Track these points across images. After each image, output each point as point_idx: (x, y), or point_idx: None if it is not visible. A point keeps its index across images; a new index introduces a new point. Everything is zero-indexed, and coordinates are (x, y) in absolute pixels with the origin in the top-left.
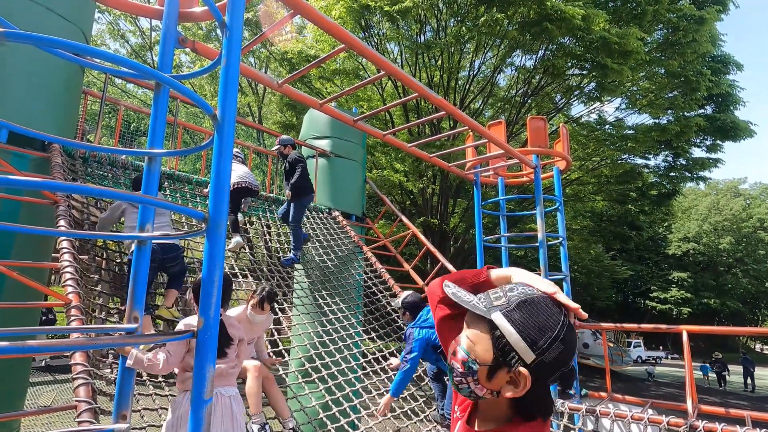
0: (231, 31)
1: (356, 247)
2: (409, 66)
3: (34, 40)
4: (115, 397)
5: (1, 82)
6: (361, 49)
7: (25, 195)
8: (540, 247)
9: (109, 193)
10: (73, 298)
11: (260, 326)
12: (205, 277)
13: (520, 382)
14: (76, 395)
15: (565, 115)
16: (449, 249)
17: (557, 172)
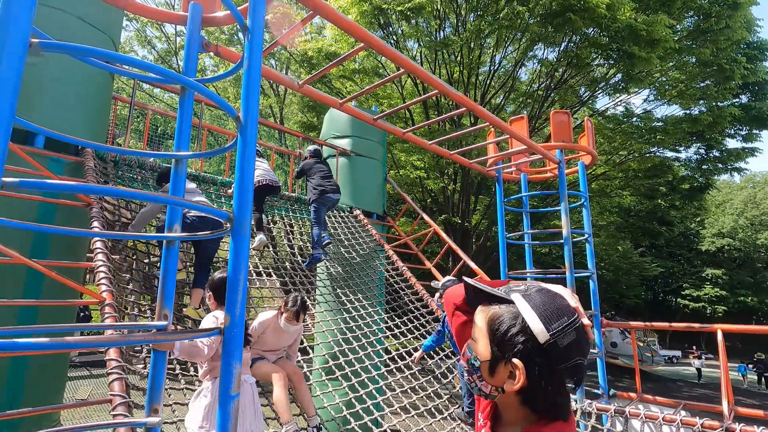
0: (252, 34)
1: (377, 246)
2: (429, 63)
3: (68, 49)
4: (147, 391)
5: (38, 90)
6: (379, 47)
7: (60, 198)
8: (565, 243)
9: (138, 195)
10: (106, 296)
11: (291, 335)
12: (231, 275)
13: (515, 373)
14: (110, 389)
15: (590, 109)
16: (471, 247)
17: (582, 167)
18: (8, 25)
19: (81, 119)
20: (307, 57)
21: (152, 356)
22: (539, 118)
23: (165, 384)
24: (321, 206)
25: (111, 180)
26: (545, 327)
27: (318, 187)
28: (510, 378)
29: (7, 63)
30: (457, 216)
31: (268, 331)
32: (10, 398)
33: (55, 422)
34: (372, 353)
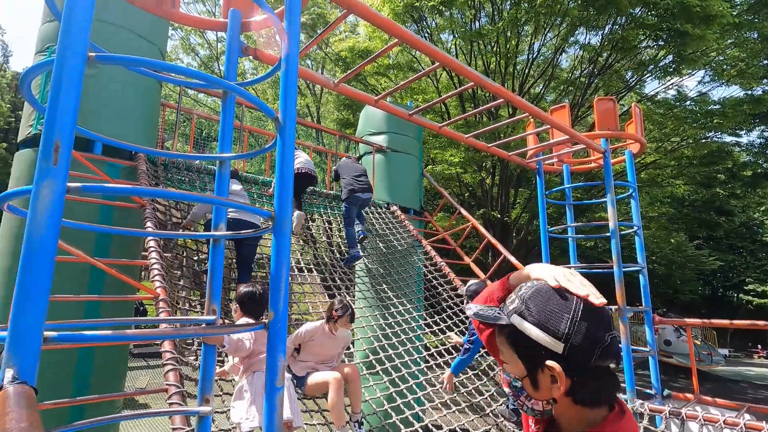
0: (289, 35)
1: (415, 241)
2: (464, 54)
3: (121, 61)
4: (199, 382)
5: (95, 100)
6: (413, 42)
7: (117, 200)
8: (612, 237)
9: (187, 196)
10: (160, 291)
11: (341, 342)
12: (273, 272)
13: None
14: (166, 379)
15: (638, 94)
16: (511, 241)
17: (630, 156)
18: (68, 42)
19: (134, 126)
20: (341, 56)
21: (203, 349)
22: (582, 106)
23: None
24: (351, 205)
25: (161, 182)
26: (553, 337)
27: (348, 186)
28: (553, 383)
29: (68, 77)
30: (496, 210)
31: (317, 339)
32: (78, 386)
33: (118, 409)
34: (411, 349)
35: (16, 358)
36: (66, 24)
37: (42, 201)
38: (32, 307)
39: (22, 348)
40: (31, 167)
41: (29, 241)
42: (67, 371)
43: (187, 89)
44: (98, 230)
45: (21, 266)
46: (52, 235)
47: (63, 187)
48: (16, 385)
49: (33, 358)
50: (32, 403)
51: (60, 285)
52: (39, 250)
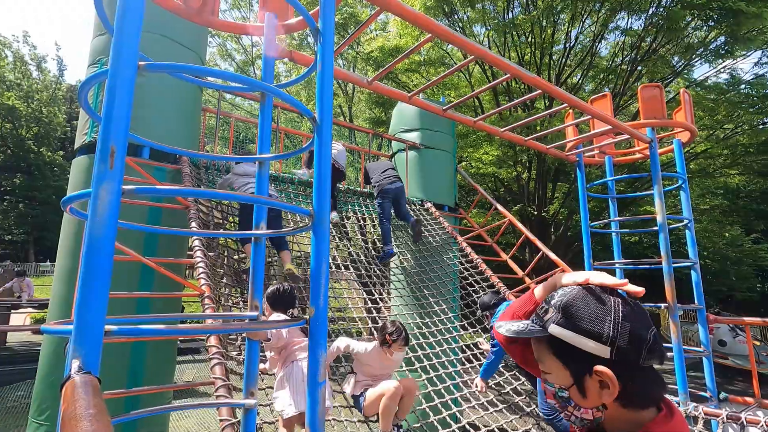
0: (324, 35)
1: (450, 238)
2: (497, 46)
3: (167, 68)
4: (244, 376)
5: (141, 108)
6: (448, 36)
7: (164, 201)
8: (660, 231)
9: (228, 195)
10: (205, 288)
11: (397, 362)
12: (314, 269)
13: (606, 381)
14: (212, 373)
15: (686, 79)
16: (549, 238)
17: (678, 145)
18: (120, 53)
19: (177, 131)
20: (372, 56)
21: (246, 345)
22: (623, 95)
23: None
24: (384, 200)
25: (203, 183)
26: (599, 342)
27: (377, 183)
28: (603, 389)
29: (121, 85)
30: (533, 205)
31: (372, 362)
32: (132, 378)
33: (168, 400)
34: (448, 349)
35: (81, 349)
36: (118, 37)
37: (101, 202)
38: (94, 302)
39: (87, 340)
40: (86, 173)
41: (90, 240)
42: (122, 364)
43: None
44: (148, 230)
45: (83, 264)
46: (110, 234)
47: (119, 189)
48: (83, 374)
49: (96, 349)
50: (97, 391)
51: (114, 283)
52: (99, 248)
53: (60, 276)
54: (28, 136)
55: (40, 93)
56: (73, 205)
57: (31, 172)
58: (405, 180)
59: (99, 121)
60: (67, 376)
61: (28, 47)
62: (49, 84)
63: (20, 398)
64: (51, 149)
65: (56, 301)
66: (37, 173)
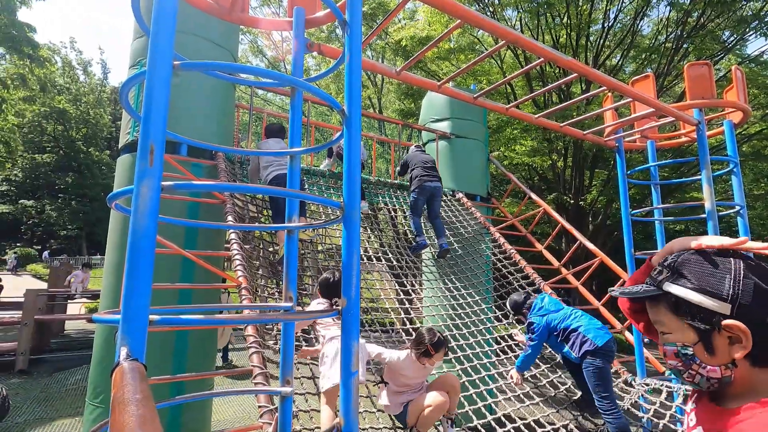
0: (351, 27)
1: (483, 229)
2: (530, 30)
3: (201, 66)
4: (281, 364)
5: (177, 107)
6: (477, 20)
7: (202, 197)
8: (709, 219)
9: (261, 189)
10: (242, 280)
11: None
12: (345, 261)
13: (738, 334)
14: (250, 361)
15: (738, 55)
16: (587, 226)
17: (730, 127)
18: (156, 54)
19: (212, 128)
20: (402, 45)
21: (282, 335)
22: (668, 75)
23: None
24: (419, 196)
25: (238, 179)
26: (719, 300)
27: (416, 176)
28: (733, 344)
29: (159, 85)
30: (570, 194)
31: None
32: (177, 365)
33: (210, 386)
34: (482, 341)
35: (128, 338)
36: (154, 38)
37: (142, 198)
38: (138, 293)
39: (133, 329)
40: (130, 170)
41: (134, 234)
42: (167, 352)
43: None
44: (188, 224)
45: (128, 256)
46: (152, 227)
47: (159, 185)
48: (130, 361)
49: (142, 338)
50: (144, 378)
51: (157, 275)
52: (142, 243)
53: (109, 268)
54: (77, 137)
55: (87, 96)
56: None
57: (81, 171)
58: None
59: (139, 120)
60: (117, 363)
61: (74, 53)
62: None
63: (78, 381)
64: (98, 149)
65: (106, 292)
66: (86, 172)
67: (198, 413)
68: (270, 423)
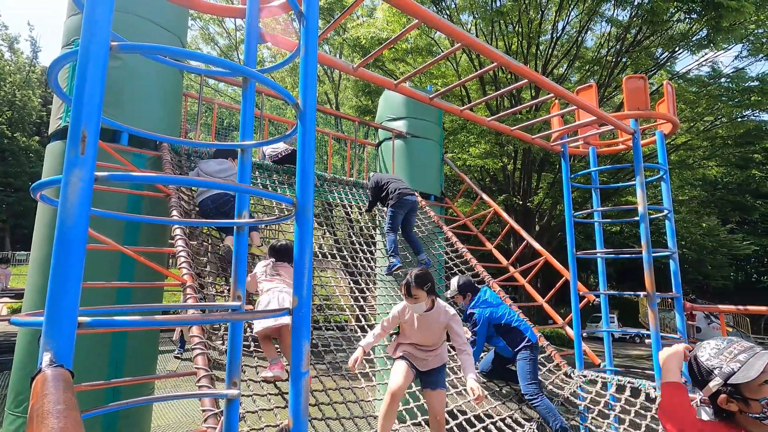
0: (307, 19)
1: (436, 227)
2: (485, 35)
3: (142, 49)
4: (227, 366)
5: (119, 92)
6: (435, 22)
7: (145, 189)
8: (641, 221)
9: (206, 183)
10: (187, 278)
11: (436, 323)
12: (297, 258)
13: None
14: (195, 363)
15: (669, 72)
16: (534, 227)
17: (661, 137)
18: (91, 32)
19: (157, 116)
20: (359, 42)
21: (229, 334)
22: (608, 87)
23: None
24: (397, 211)
25: (185, 171)
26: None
27: (394, 191)
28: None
29: (93, 66)
30: (518, 195)
31: (407, 320)
32: (113, 369)
33: (151, 391)
34: None
35: (53, 342)
36: (89, 15)
37: (72, 190)
38: (66, 292)
39: (59, 332)
40: (61, 159)
41: (61, 229)
42: (102, 355)
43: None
44: (125, 218)
45: (54, 254)
46: (82, 222)
47: (91, 175)
48: (54, 368)
49: (69, 342)
50: (69, 386)
51: (93, 273)
52: (71, 238)
53: (35, 265)
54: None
55: (12, 75)
56: (45, 192)
57: (5, 158)
58: (392, 170)
59: (70, 104)
60: (38, 370)
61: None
62: (22, 66)
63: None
64: (26, 134)
65: (31, 291)
66: (11, 159)
67: (136, 420)
68: (215, 427)
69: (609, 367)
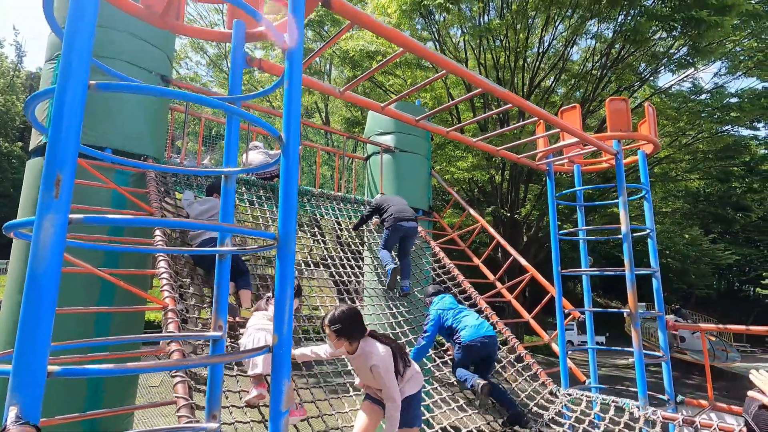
0: (292, 53)
1: (423, 242)
2: (473, 49)
3: (121, 89)
4: (206, 399)
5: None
6: (418, 50)
7: (127, 207)
8: (624, 240)
9: (190, 225)
10: (169, 302)
11: (362, 360)
12: (278, 295)
13: None
14: (175, 391)
15: (652, 87)
16: (522, 238)
17: (643, 157)
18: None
19: (144, 130)
20: (349, 55)
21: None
22: (594, 101)
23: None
24: (393, 234)
25: (170, 187)
26: None
27: (391, 215)
28: None
29: (69, 110)
30: (506, 207)
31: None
32: (92, 398)
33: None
34: None
35: (20, 395)
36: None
37: (44, 234)
38: (35, 343)
39: (26, 385)
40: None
41: (32, 276)
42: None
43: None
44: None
45: (24, 301)
46: (54, 268)
47: (65, 219)
48: (19, 426)
49: (37, 394)
50: None
51: (71, 296)
52: (42, 283)
53: (13, 286)
54: None
55: None
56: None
57: None
58: (379, 184)
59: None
60: (3, 428)
61: None
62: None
63: None
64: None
65: (6, 316)
66: None
67: None
68: None
69: (594, 384)
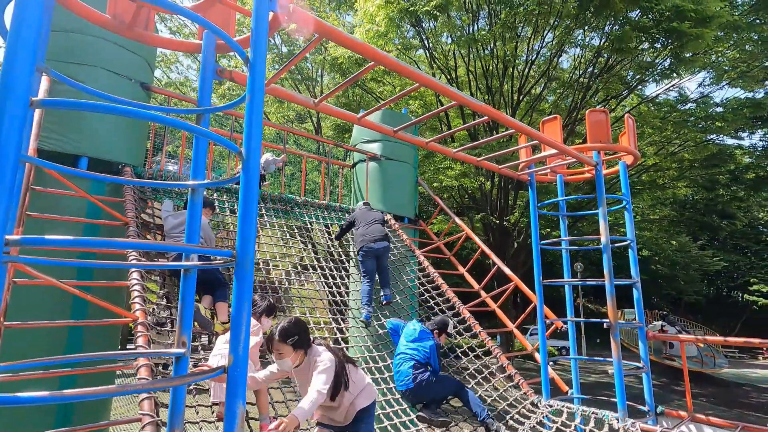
0: (254, 66)
1: (409, 251)
2: (462, 58)
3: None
4: (168, 417)
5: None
6: (392, 64)
7: (102, 218)
8: (603, 251)
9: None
10: (140, 315)
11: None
12: (234, 314)
13: None
14: (140, 408)
15: (639, 96)
16: (512, 245)
17: (623, 168)
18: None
19: (120, 137)
20: (338, 62)
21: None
22: (583, 108)
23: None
24: (366, 258)
25: (148, 197)
26: None
27: (360, 236)
28: None
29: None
30: (496, 215)
31: None
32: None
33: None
34: None
35: None
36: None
37: None
38: None
39: None
40: None
41: None
42: None
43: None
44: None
45: None
46: None
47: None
48: None
49: None
50: None
51: (43, 309)
52: None
53: None
54: None
55: None
56: None
57: None
58: (365, 192)
59: None
60: None
61: None
62: None
63: None
64: None
65: None
66: None
67: None
68: None
69: (576, 394)
